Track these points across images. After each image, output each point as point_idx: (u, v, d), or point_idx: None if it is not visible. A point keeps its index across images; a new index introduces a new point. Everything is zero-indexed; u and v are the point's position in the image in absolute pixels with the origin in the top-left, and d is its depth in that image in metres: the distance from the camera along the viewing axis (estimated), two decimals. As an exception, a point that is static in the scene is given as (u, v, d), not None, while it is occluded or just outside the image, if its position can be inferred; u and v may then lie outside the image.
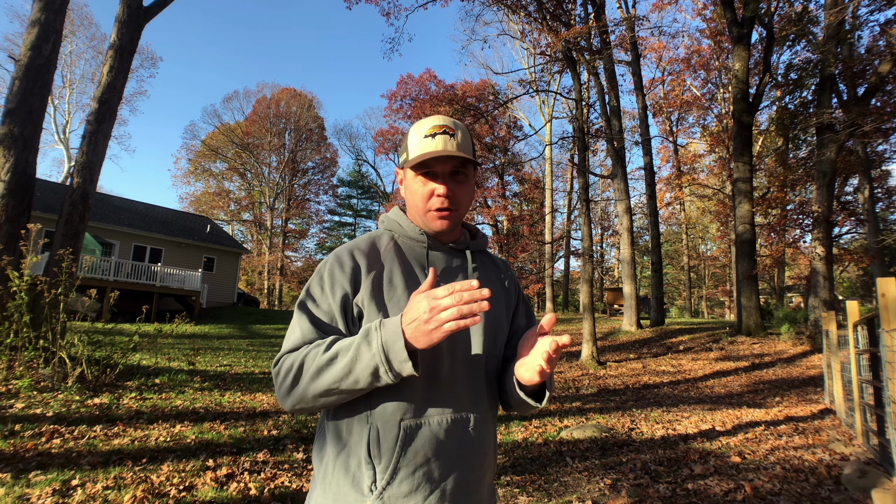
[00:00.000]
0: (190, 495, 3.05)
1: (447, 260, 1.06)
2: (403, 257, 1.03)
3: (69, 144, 32.10)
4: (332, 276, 0.97)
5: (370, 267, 0.99)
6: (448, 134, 1.00)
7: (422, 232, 1.05)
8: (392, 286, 0.98)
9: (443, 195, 0.99)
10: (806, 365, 9.98)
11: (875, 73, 12.42)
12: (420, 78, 28.78)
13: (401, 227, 1.07)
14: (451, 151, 0.98)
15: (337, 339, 0.91)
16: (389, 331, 0.84)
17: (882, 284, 3.42)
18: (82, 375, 5.69)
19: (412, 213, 1.07)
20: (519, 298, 1.17)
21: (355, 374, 0.85)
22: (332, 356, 0.87)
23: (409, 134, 1.06)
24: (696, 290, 41.15)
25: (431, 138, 1.00)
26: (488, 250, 1.20)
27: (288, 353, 0.93)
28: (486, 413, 1.01)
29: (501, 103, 18.96)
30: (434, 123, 1.02)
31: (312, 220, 45.54)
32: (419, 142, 1.01)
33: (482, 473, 0.99)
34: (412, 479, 0.89)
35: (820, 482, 3.61)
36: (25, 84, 6.93)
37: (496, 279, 1.13)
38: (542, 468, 4.13)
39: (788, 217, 15.95)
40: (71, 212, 7.46)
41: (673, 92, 24.47)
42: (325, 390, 0.88)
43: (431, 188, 1.00)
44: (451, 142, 1.00)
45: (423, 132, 1.01)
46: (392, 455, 0.90)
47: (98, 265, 17.39)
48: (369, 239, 1.05)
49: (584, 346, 11.76)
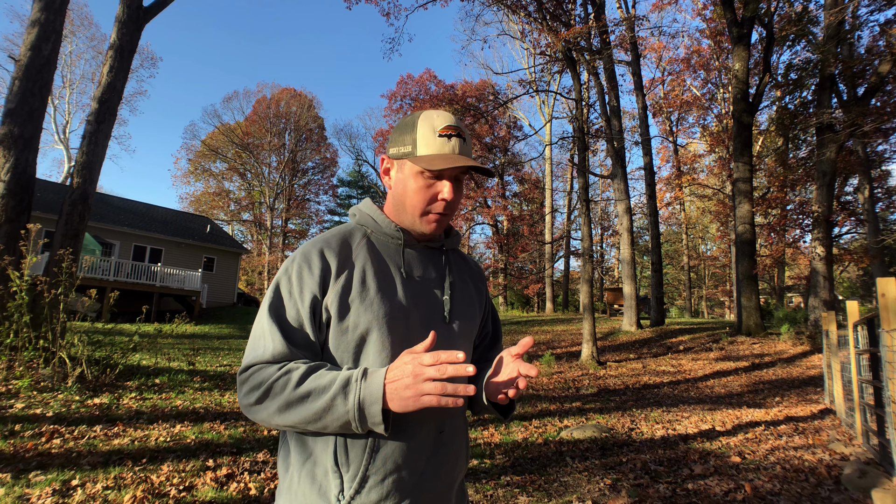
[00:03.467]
0: (190, 495, 3.05)
1: (422, 258, 1.02)
2: (377, 255, 0.97)
3: (69, 144, 32.12)
4: (301, 279, 0.91)
5: (341, 267, 0.93)
6: (461, 137, 0.95)
7: (398, 228, 0.99)
8: (364, 287, 0.92)
9: (446, 200, 0.95)
10: (806, 365, 9.97)
11: (875, 73, 12.41)
12: (420, 78, 28.81)
13: (375, 222, 1.01)
14: (470, 161, 0.92)
15: (310, 370, 0.85)
16: (370, 389, 0.80)
17: (882, 284, 3.42)
18: (82, 375, 5.69)
19: (396, 208, 1.00)
20: (487, 305, 1.15)
21: (324, 421, 0.82)
22: (304, 395, 0.82)
23: (415, 124, 0.96)
24: (696, 290, 41.14)
25: (446, 139, 0.94)
26: (460, 249, 1.17)
27: (256, 367, 0.88)
28: (457, 417, 0.99)
29: (501, 103, 18.96)
30: (447, 123, 0.95)
31: (312, 221, 45.55)
32: (432, 139, 0.94)
33: (454, 478, 0.98)
34: (381, 486, 0.86)
35: (820, 482, 3.61)
36: (25, 84, 6.93)
37: (469, 280, 1.10)
38: (542, 468, 4.13)
39: (788, 217, 15.95)
40: (71, 212, 7.45)
41: (673, 92, 24.46)
42: (291, 425, 0.85)
43: (435, 191, 0.95)
44: (465, 147, 0.96)
45: (435, 128, 0.94)
46: (361, 462, 0.86)
47: (98, 265, 17.39)
48: (340, 235, 0.98)
49: (584, 346, 11.75)
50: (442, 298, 1.00)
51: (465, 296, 1.06)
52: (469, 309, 1.05)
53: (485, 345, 1.16)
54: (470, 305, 1.05)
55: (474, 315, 1.07)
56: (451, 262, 1.07)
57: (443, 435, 0.95)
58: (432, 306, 0.99)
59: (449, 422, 0.96)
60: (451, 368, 0.78)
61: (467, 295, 1.06)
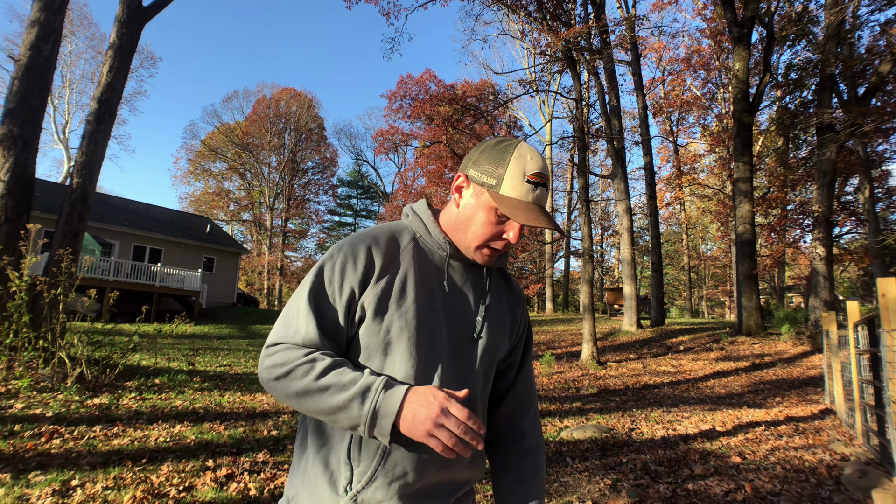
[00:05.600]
0: (190, 495, 3.04)
1: (464, 273, 1.01)
2: (422, 262, 0.97)
3: (69, 144, 32.14)
4: (344, 271, 0.92)
5: (384, 268, 0.93)
6: (546, 187, 0.95)
7: (447, 241, 0.99)
8: (403, 293, 0.92)
9: (511, 242, 0.95)
10: (806, 365, 9.97)
11: (875, 73, 12.41)
12: (420, 78, 28.73)
13: (426, 229, 1.00)
14: (551, 225, 0.91)
15: (334, 365, 0.87)
16: (388, 403, 0.83)
17: (882, 284, 3.41)
18: (82, 376, 5.69)
19: (456, 227, 0.99)
20: (522, 330, 1.11)
21: (336, 417, 0.85)
22: (324, 387, 0.84)
23: (506, 160, 0.93)
24: (697, 290, 41.15)
25: (532, 188, 0.92)
26: (506, 269, 1.15)
27: (284, 345, 0.90)
28: None
29: (501, 103, 18.96)
30: (538, 170, 0.93)
31: (312, 220, 45.60)
32: (520, 183, 0.92)
33: (461, 487, 0.99)
34: (388, 488, 0.89)
35: (820, 482, 3.61)
36: (25, 84, 6.92)
37: (505, 303, 1.07)
38: (542, 468, 4.12)
39: (788, 217, 15.95)
40: (70, 212, 7.45)
41: (673, 92, 24.46)
42: (304, 411, 0.89)
43: (501, 229, 0.95)
44: (545, 196, 0.95)
45: (526, 171, 0.92)
46: (372, 462, 0.88)
47: (98, 265, 17.39)
48: (390, 233, 0.99)
49: (584, 346, 11.75)
50: (475, 319, 1.00)
51: (498, 319, 1.04)
52: (499, 333, 1.03)
53: (511, 370, 1.12)
54: (501, 329, 1.04)
55: (503, 340, 1.05)
56: (492, 282, 1.05)
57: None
58: (464, 324, 0.98)
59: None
60: (469, 435, 0.81)
61: (500, 318, 1.04)
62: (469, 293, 1.00)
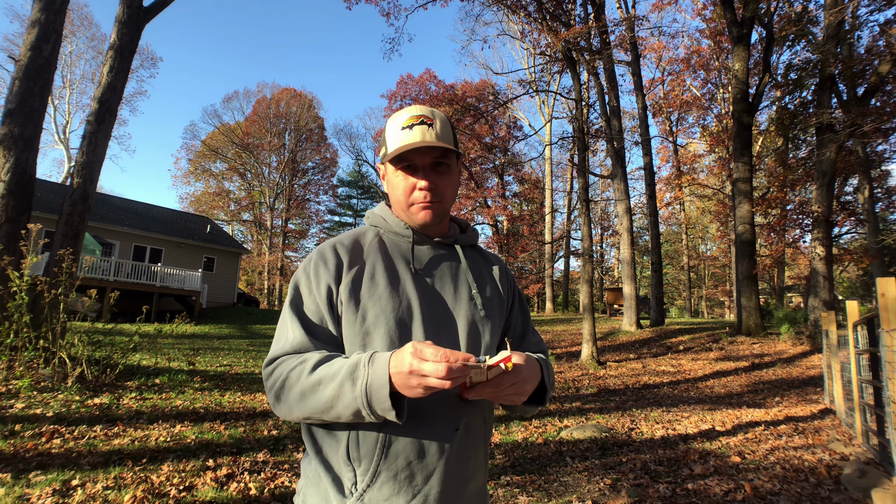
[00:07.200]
0: (190, 495, 3.05)
1: (434, 254, 1.03)
2: (387, 253, 1.00)
3: (69, 144, 32.12)
4: (318, 273, 0.95)
5: (352, 263, 0.97)
6: (426, 124, 0.97)
7: (406, 226, 1.02)
8: (374, 283, 0.95)
9: (425, 188, 0.97)
10: (806, 365, 9.98)
11: (875, 73, 12.41)
12: (420, 78, 28.76)
13: (386, 222, 1.04)
14: (430, 142, 0.94)
15: (324, 359, 0.87)
16: (376, 373, 0.79)
17: (882, 284, 3.42)
18: (82, 375, 5.70)
19: (396, 207, 1.04)
20: (515, 295, 1.13)
21: (337, 409, 0.83)
22: (316, 382, 0.84)
23: (386, 127, 1.01)
24: (696, 290, 41.14)
25: (409, 130, 0.96)
26: (479, 245, 1.16)
27: (278, 361, 0.91)
28: (476, 415, 0.97)
29: (501, 103, 18.97)
30: (411, 114, 0.98)
31: (312, 221, 45.55)
32: (396, 134, 0.97)
33: (468, 477, 0.95)
34: (394, 482, 0.87)
35: (820, 482, 3.61)
36: (25, 84, 6.93)
37: (487, 275, 1.09)
38: (541, 468, 4.13)
39: (788, 217, 15.94)
40: (71, 212, 7.45)
41: (673, 92, 24.46)
42: (308, 415, 0.87)
43: (413, 182, 0.98)
44: (430, 132, 0.96)
45: (400, 123, 0.98)
46: (372, 458, 0.88)
47: (98, 265, 17.38)
48: (353, 235, 1.03)
49: (584, 346, 11.75)
50: (452, 296, 1.00)
51: (480, 291, 1.04)
52: (487, 306, 1.03)
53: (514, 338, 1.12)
54: (487, 302, 1.04)
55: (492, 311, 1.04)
56: (467, 258, 1.07)
57: (459, 433, 0.93)
58: (442, 303, 0.99)
59: (466, 419, 0.95)
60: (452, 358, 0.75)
61: (481, 290, 1.05)
62: (443, 273, 1.02)
